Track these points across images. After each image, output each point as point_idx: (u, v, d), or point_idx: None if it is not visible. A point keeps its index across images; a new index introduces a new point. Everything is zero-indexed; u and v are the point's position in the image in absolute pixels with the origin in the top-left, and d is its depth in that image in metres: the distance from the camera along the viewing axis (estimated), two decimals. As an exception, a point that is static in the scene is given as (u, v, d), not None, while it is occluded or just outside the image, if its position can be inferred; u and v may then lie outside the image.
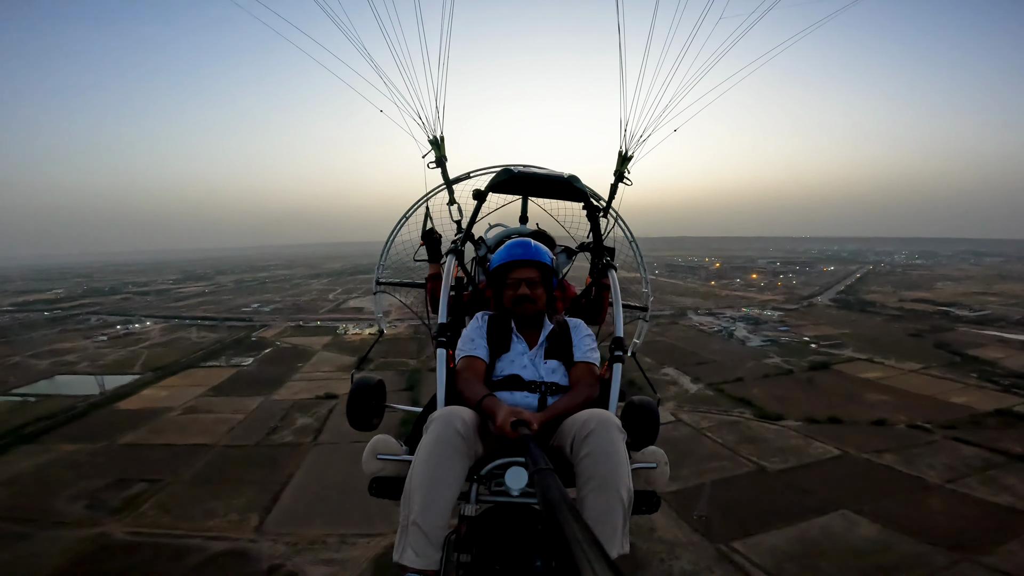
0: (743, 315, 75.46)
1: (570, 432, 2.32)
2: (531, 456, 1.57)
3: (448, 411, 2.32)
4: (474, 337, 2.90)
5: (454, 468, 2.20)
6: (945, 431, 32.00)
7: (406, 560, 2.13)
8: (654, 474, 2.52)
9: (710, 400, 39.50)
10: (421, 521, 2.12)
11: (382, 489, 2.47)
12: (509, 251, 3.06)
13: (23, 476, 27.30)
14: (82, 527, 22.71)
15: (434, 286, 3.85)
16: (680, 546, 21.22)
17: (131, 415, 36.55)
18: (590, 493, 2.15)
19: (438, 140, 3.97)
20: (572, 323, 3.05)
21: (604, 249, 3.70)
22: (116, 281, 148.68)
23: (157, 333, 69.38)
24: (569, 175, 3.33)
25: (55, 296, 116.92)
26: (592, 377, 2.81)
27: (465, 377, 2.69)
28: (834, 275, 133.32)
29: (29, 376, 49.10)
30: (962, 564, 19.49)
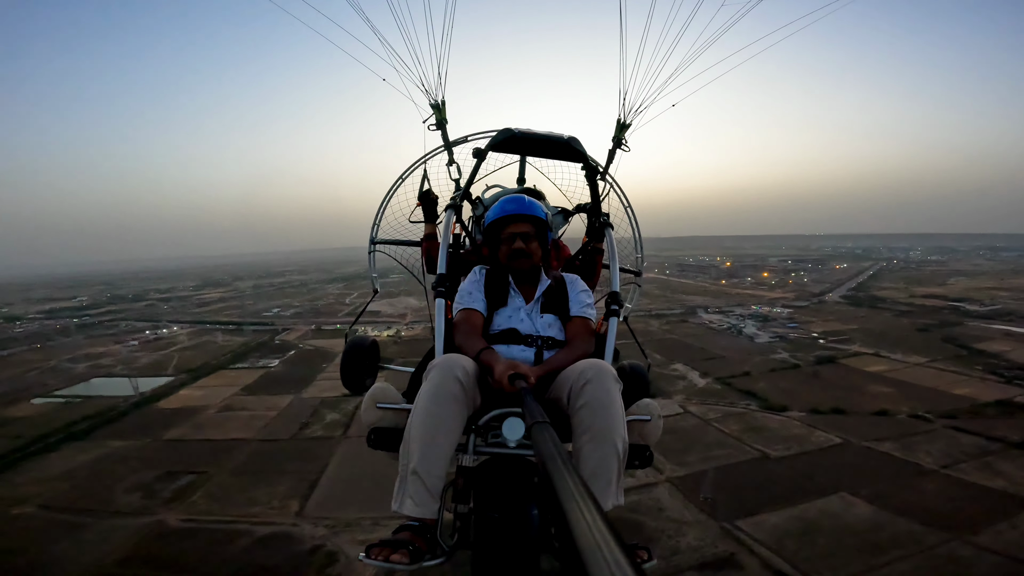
0: (752, 312, 76.58)
1: (567, 382, 2.36)
2: (528, 409, 1.59)
3: (448, 358, 2.35)
4: (472, 291, 2.96)
5: (454, 416, 2.23)
6: (945, 420, 33.29)
7: (405, 509, 2.16)
8: (648, 427, 2.57)
9: (717, 393, 41.05)
10: (420, 470, 2.15)
11: (380, 440, 2.46)
12: (503, 206, 3.12)
13: (79, 470, 29.58)
14: (140, 516, 24.77)
15: (430, 246, 3.97)
16: (687, 524, 22.91)
17: (171, 413, 38.90)
18: (586, 444, 2.20)
19: (439, 104, 4.08)
20: (569, 278, 3.13)
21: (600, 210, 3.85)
22: (138, 288, 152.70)
23: (185, 337, 72.16)
24: (569, 136, 3.44)
25: (80, 303, 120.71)
26: (588, 332, 2.88)
27: (463, 330, 2.74)
28: (846, 272, 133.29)
29: (68, 379, 51.78)
30: (952, 543, 20.82)
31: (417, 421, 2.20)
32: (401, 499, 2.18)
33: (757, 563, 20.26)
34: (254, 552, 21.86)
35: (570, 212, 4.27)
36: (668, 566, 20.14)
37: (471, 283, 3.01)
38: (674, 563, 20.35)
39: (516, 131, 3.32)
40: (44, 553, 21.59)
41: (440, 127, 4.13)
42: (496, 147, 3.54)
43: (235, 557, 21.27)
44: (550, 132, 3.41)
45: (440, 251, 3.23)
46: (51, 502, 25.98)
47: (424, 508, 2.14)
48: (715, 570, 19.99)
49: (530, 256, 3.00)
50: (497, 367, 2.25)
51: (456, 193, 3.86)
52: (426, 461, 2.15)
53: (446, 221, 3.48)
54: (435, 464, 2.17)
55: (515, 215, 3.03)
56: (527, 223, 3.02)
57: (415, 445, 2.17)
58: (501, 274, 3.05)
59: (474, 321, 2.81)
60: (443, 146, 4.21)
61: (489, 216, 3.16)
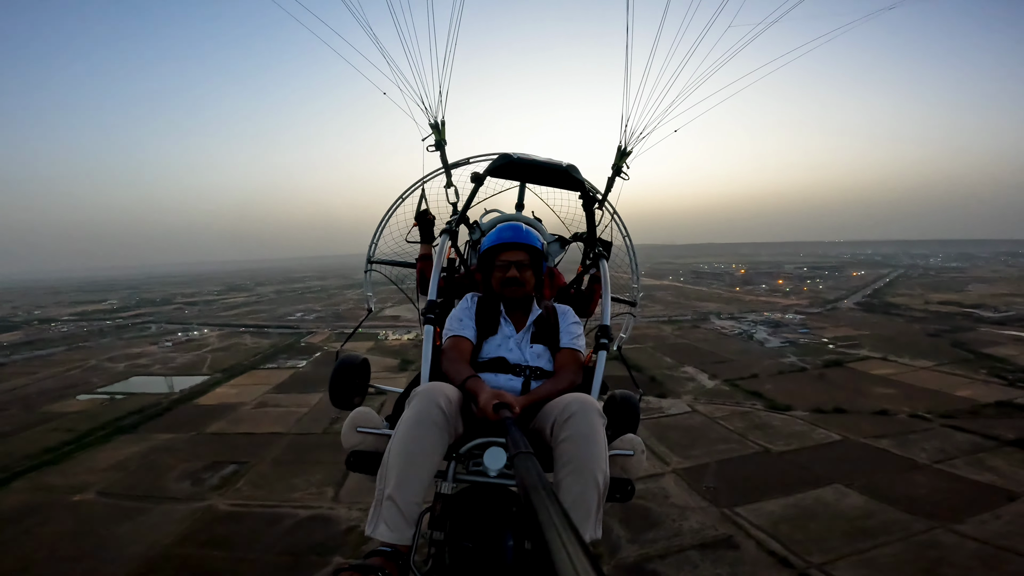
0: (765, 319, 77.69)
1: (551, 415, 2.37)
2: (511, 438, 1.58)
3: (432, 387, 2.36)
4: (462, 317, 2.98)
5: (433, 444, 2.23)
6: (943, 420, 34.68)
7: (378, 534, 2.14)
8: (631, 462, 2.58)
9: (725, 394, 42.71)
10: (396, 496, 2.14)
11: (359, 463, 2.47)
12: (499, 233, 3.13)
13: (131, 461, 32.24)
14: (192, 501, 27.19)
15: (424, 266, 3.95)
16: (689, 510, 24.81)
17: (211, 409, 41.60)
18: (567, 477, 2.19)
19: (439, 124, 4.06)
20: (560, 309, 3.14)
21: (597, 240, 3.86)
22: (165, 292, 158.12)
23: (215, 339, 75.51)
24: (567, 164, 3.46)
25: (111, 306, 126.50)
26: (576, 364, 2.90)
27: (450, 356, 2.74)
28: (863, 279, 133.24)
29: (109, 377, 55.00)
30: (936, 530, 22.40)
31: (396, 447, 2.21)
32: (375, 523, 2.17)
33: (753, 544, 22.12)
34: (297, 532, 24.15)
35: (567, 240, 4.31)
36: (671, 546, 22.11)
37: (462, 310, 3.04)
38: (676, 543, 22.28)
39: (515, 156, 3.38)
40: (109, 535, 24.01)
41: (439, 148, 4.16)
42: (494, 172, 3.60)
43: (280, 537, 23.57)
44: (548, 159, 3.46)
45: (432, 277, 3.23)
46: (108, 489, 28.60)
47: (398, 534, 2.13)
48: (714, 549, 21.88)
49: (523, 285, 3.03)
50: (482, 396, 2.27)
51: (452, 217, 3.87)
52: (403, 487, 2.15)
53: (440, 246, 3.46)
54: (412, 490, 2.16)
55: (511, 243, 3.06)
56: (522, 251, 3.05)
57: (393, 471, 2.18)
58: (493, 302, 3.07)
59: (462, 348, 2.83)
60: (441, 168, 4.23)
61: (485, 242, 3.18)
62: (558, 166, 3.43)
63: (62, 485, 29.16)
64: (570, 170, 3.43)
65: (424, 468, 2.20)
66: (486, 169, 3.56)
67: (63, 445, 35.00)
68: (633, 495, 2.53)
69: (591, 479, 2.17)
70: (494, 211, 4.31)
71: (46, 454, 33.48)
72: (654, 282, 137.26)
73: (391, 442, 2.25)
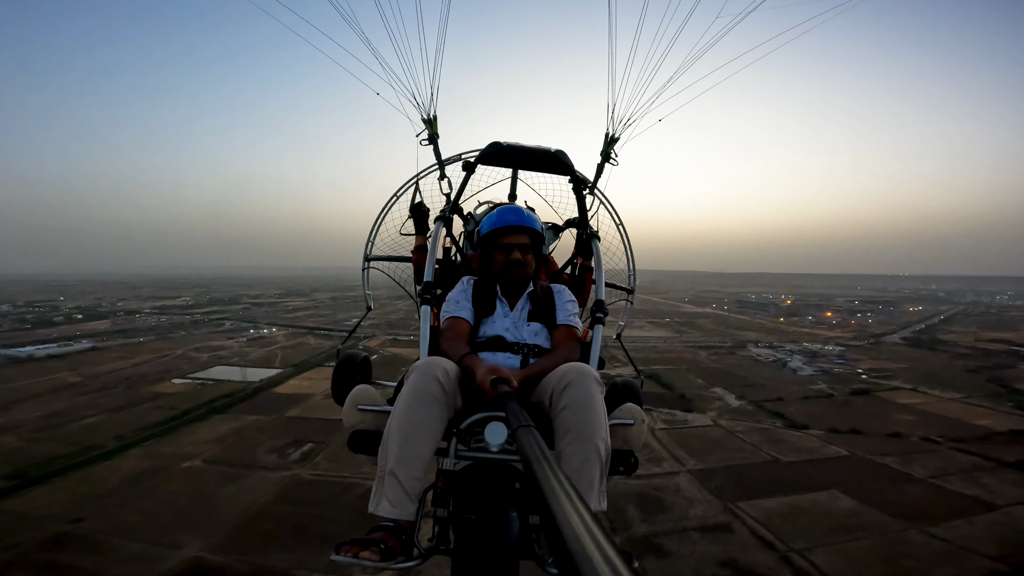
0: (802, 349, 79.13)
1: (549, 385, 2.37)
2: (511, 412, 1.58)
3: (429, 360, 2.37)
4: (459, 299, 2.99)
5: (433, 417, 2.22)
6: (953, 443, 37.02)
7: (381, 510, 2.13)
8: (631, 432, 2.58)
9: (748, 413, 45.90)
10: (398, 470, 2.14)
11: (361, 443, 2.47)
12: (502, 216, 3.13)
13: (227, 436, 38.40)
14: (279, 470, 32.75)
15: (420, 257, 3.90)
16: (697, 501, 28.65)
17: (288, 397, 47.92)
18: (568, 446, 2.20)
19: (431, 119, 4.07)
20: (556, 288, 3.16)
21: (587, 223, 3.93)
22: (232, 293, 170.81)
23: (283, 338, 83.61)
24: (556, 149, 3.49)
25: (185, 303, 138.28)
26: (573, 339, 2.93)
27: (448, 336, 2.77)
28: (918, 315, 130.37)
29: (196, 365, 62.94)
30: (910, 531, 25.50)
31: (396, 422, 2.21)
32: (377, 500, 2.17)
33: (746, 531, 25.89)
34: (364, 498, 28.90)
35: (560, 227, 4.33)
36: (676, 527, 26.15)
37: (458, 292, 3.05)
38: (681, 525, 26.31)
39: (504, 144, 3.42)
40: (217, 494, 29.73)
41: (432, 141, 4.15)
42: (485, 160, 3.62)
43: (352, 501, 28.64)
44: (537, 145, 3.50)
45: (427, 261, 3.29)
46: (212, 459, 34.66)
47: (400, 509, 2.12)
48: (712, 532, 25.80)
49: (525, 267, 3.04)
50: (479, 371, 2.26)
51: (446, 206, 3.91)
52: (404, 461, 2.14)
53: (435, 233, 3.54)
54: (413, 465, 2.16)
55: (514, 226, 3.07)
56: (524, 235, 3.07)
57: (393, 445, 2.17)
58: (489, 283, 3.09)
59: (460, 328, 2.84)
60: (435, 163, 4.26)
61: (486, 224, 3.18)
62: (547, 151, 3.51)
63: (173, 453, 35.51)
64: (559, 155, 3.50)
65: (424, 442, 2.19)
66: (477, 156, 3.63)
67: (168, 420, 41.76)
68: (637, 468, 2.51)
69: (592, 448, 2.17)
70: (488, 202, 4.40)
71: (155, 427, 40.23)
72: (696, 309, 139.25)
73: (391, 417, 2.26)
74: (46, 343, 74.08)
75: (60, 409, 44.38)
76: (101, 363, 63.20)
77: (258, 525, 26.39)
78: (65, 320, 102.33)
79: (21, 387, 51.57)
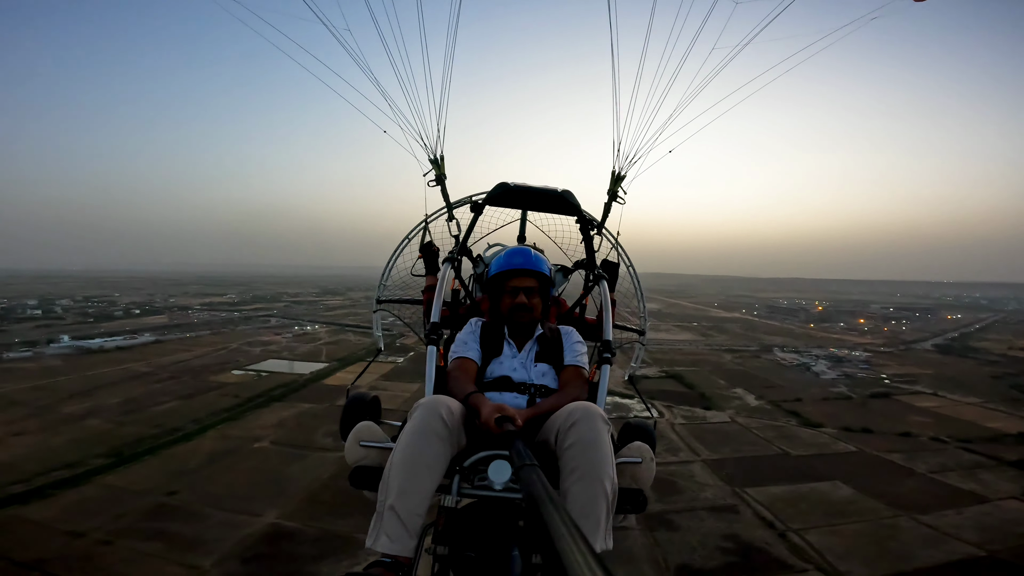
0: (828, 354, 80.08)
1: (555, 424, 2.39)
2: (515, 451, 1.60)
3: (434, 398, 2.40)
4: (467, 340, 3.05)
5: (435, 454, 2.23)
6: (959, 443, 39.03)
7: (379, 546, 2.12)
8: (640, 470, 2.58)
9: (765, 411, 48.42)
10: (398, 506, 2.14)
11: (362, 479, 2.48)
12: (509, 259, 3.18)
13: (288, 421, 42.88)
14: (335, 452, 36.08)
15: (430, 297, 3.86)
16: (708, 486, 31.72)
17: (336, 388, 52.40)
18: (574, 484, 2.20)
19: (438, 159, 4.17)
20: (564, 330, 3.22)
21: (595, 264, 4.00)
22: (272, 291, 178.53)
23: (325, 334, 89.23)
24: (563, 190, 3.55)
25: (231, 300, 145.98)
26: (581, 379, 2.97)
27: (455, 376, 2.80)
28: (955, 323, 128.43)
29: (251, 358, 68.22)
30: (900, 518, 27.92)
31: (398, 457, 2.22)
32: (376, 535, 2.16)
33: (750, 512, 28.85)
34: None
35: (570, 270, 4.31)
36: (687, 506, 29.27)
37: (466, 333, 3.10)
38: (691, 505, 29.43)
39: (511, 184, 3.49)
40: (284, 470, 33.87)
41: (439, 182, 4.22)
42: (492, 201, 3.70)
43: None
44: (544, 185, 3.55)
45: (435, 301, 3.33)
46: (277, 440, 39.04)
47: (399, 545, 2.12)
48: (720, 512, 28.81)
49: (531, 311, 3.09)
50: (484, 409, 2.26)
51: (454, 248, 3.94)
52: (404, 497, 2.14)
53: (443, 274, 3.56)
54: (414, 501, 2.15)
55: (521, 269, 3.11)
56: (532, 278, 3.11)
57: (394, 481, 2.17)
58: (497, 325, 3.13)
59: (467, 368, 2.88)
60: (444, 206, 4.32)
61: (494, 266, 3.21)
62: (553, 192, 3.52)
63: (243, 436, 40.09)
64: (565, 195, 3.51)
65: (426, 478, 2.20)
66: (485, 198, 3.68)
67: (234, 407, 46.66)
68: (646, 506, 2.52)
69: (599, 487, 2.17)
70: (497, 245, 4.34)
71: (224, 412, 45.11)
72: (724, 314, 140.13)
73: (393, 453, 2.27)
74: (113, 336, 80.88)
75: (137, 395, 49.72)
76: (165, 354, 69.20)
77: (322, 497, 30.30)
78: (124, 315, 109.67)
79: (98, 375, 57.45)
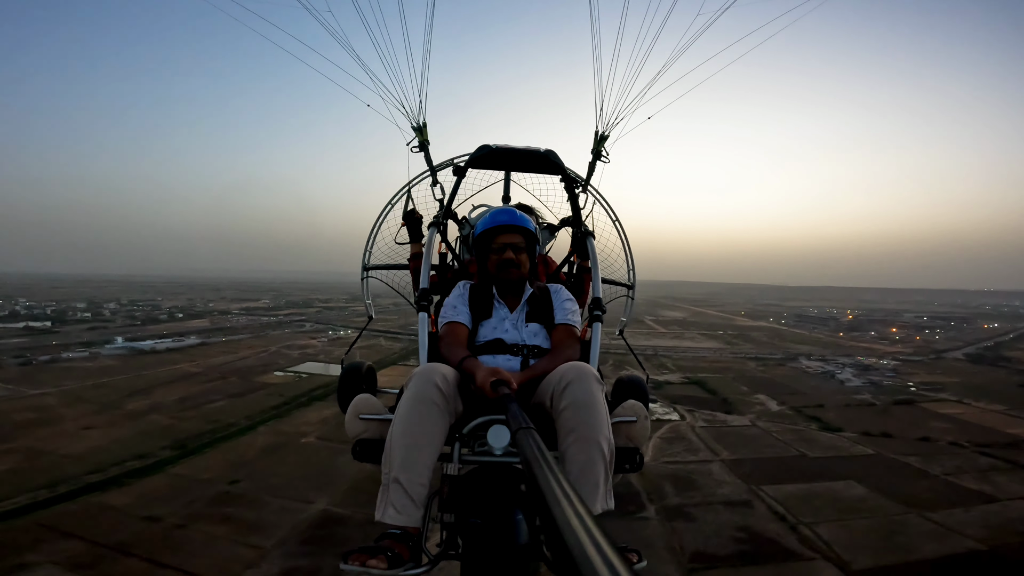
0: (855, 362, 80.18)
1: (549, 386, 2.43)
2: (511, 414, 1.61)
3: (428, 367, 2.42)
4: (456, 304, 3.04)
5: (435, 422, 2.28)
6: (977, 447, 40.01)
7: (388, 518, 2.18)
8: (635, 429, 2.61)
9: (787, 416, 49.85)
10: (402, 477, 2.19)
11: (365, 452, 2.54)
12: (494, 217, 3.18)
13: (331, 418, 45.56)
14: None
15: (417, 264, 3.96)
16: (725, 483, 33.62)
17: (376, 390, 55.68)
18: (571, 446, 2.26)
19: (421, 126, 4.12)
20: (553, 288, 3.21)
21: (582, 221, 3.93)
22: (304, 297, 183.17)
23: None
24: (546, 149, 3.56)
25: (266, 305, 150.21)
26: (573, 338, 2.98)
27: (447, 342, 2.81)
28: (991, 332, 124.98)
29: (290, 360, 72.13)
30: (909, 515, 29.44)
31: (398, 429, 2.27)
32: (383, 508, 2.21)
33: (764, 507, 30.70)
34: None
35: (556, 227, 4.37)
36: (704, 500, 31.25)
37: (455, 297, 3.10)
38: (708, 500, 31.43)
39: (493, 146, 3.50)
40: (332, 463, 36.33)
41: (423, 148, 4.22)
42: (475, 163, 3.73)
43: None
44: (527, 146, 3.58)
45: (423, 267, 3.34)
46: (322, 436, 42.05)
47: (407, 516, 2.17)
48: (735, 506, 30.74)
49: (519, 267, 3.08)
50: (478, 374, 2.31)
51: (439, 211, 3.94)
52: (408, 468, 2.19)
53: (429, 239, 3.58)
54: (417, 471, 2.20)
55: (506, 226, 3.12)
56: (517, 234, 3.11)
57: (396, 452, 2.22)
58: (485, 286, 3.14)
59: (458, 333, 2.89)
60: (426, 169, 4.29)
61: (480, 226, 3.22)
62: (536, 151, 3.55)
63: (292, 431, 43.33)
64: (549, 154, 3.54)
65: (427, 447, 2.25)
66: (467, 160, 3.69)
67: (281, 405, 50.13)
68: (643, 465, 2.55)
69: (596, 447, 2.22)
70: (482, 206, 4.38)
71: (272, 411, 48.57)
72: (751, 323, 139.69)
73: (392, 425, 2.31)
74: (162, 338, 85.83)
75: (191, 394, 53.60)
76: (212, 356, 73.60)
77: (366, 487, 32.56)
78: (169, 318, 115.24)
79: (153, 375, 61.74)
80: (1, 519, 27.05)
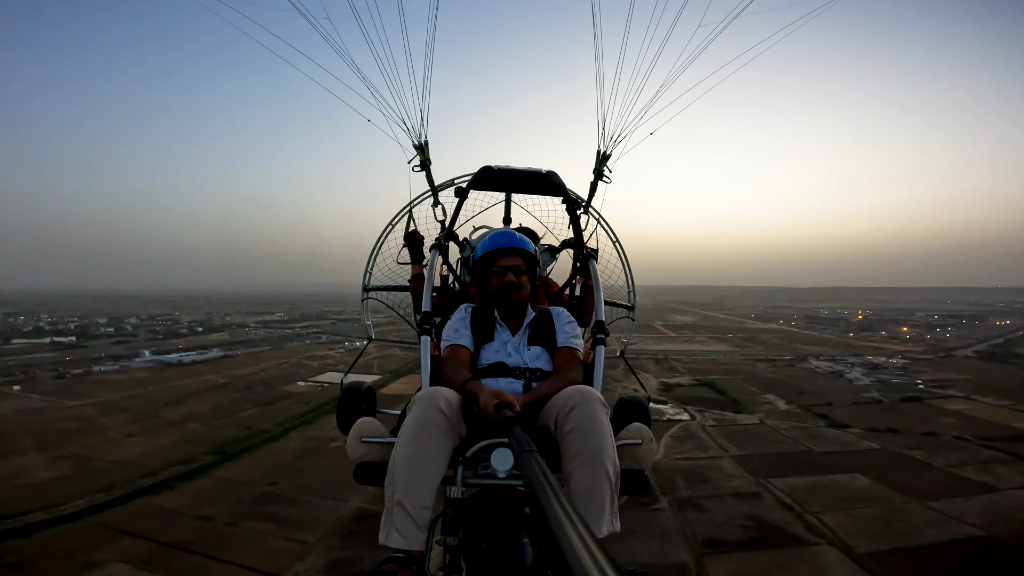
0: (864, 361, 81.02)
1: (554, 409, 2.43)
2: (514, 437, 1.61)
3: (431, 390, 2.41)
4: (458, 327, 3.02)
5: (437, 445, 2.26)
6: (982, 441, 41.42)
7: (391, 542, 2.16)
8: (640, 451, 2.60)
9: (795, 415, 51.50)
10: (406, 500, 2.17)
11: (367, 475, 2.52)
12: (494, 240, 3.18)
13: (355, 424, 48.38)
14: None
15: (418, 286, 3.93)
16: (735, 477, 35.39)
17: (394, 396, 56.48)
18: (576, 468, 2.25)
19: (423, 145, 4.16)
20: (555, 311, 3.21)
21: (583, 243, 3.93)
22: (317, 309, 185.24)
23: (373, 349, 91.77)
24: (547, 171, 3.54)
25: (281, 318, 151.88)
26: (575, 361, 2.98)
27: (449, 365, 2.80)
28: (1002, 329, 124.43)
29: (311, 371, 74.37)
30: (911, 504, 31.02)
31: (400, 452, 2.25)
32: (387, 531, 2.19)
33: (772, 498, 32.45)
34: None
35: (557, 249, 4.34)
36: (714, 493, 33.04)
37: (457, 320, 3.09)
38: (718, 492, 33.23)
39: (494, 168, 3.51)
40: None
41: (424, 168, 4.22)
42: (477, 185, 3.72)
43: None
44: (528, 167, 3.56)
45: (424, 290, 3.34)
46: (350, 441, 44.38)
47: (410, 540, 2.15)
48: (744, 498, 32.54)
49: (520, 289, 3.08)
50: (481, 396, 2.29)
51: (441, 233, 3.94)
52: (411, 491, 2.17)
53: (431, 261, 3.57)
54: (420, 494, 2.19)
55: (506, 248, 3.12)
56: (518, 257, 3.12)
57: (399, 475, 2.21)
58: (487, 309, 3.13)
59: (460, 356, 2.88)
60: (428, 190, 4.29)
61: (480, 249, 3.21)
62: (537, 173, 3.53)
63: (321, 436, 45.40)
64: (550, 176, 3.52)
65: (430, 471, 2.23)
66: (469, 182, 3.68)
67: (308, 412, 52.41)
68: (648, 487, 2.54)
69: (601, 470, 2.21)
70: (483, 227, 4.35)
71: (300, 417, 50.86)
72: (761, 325, 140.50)
73: (395, 448, 2.29)
74: (188, 351, 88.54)
75: (223, 403, 56.08)
76: (237, 367, 76.18)
77: None
78: (189, 331, 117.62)
79: (184, 386, 64.29)
80: (67, 521, 29.39)
